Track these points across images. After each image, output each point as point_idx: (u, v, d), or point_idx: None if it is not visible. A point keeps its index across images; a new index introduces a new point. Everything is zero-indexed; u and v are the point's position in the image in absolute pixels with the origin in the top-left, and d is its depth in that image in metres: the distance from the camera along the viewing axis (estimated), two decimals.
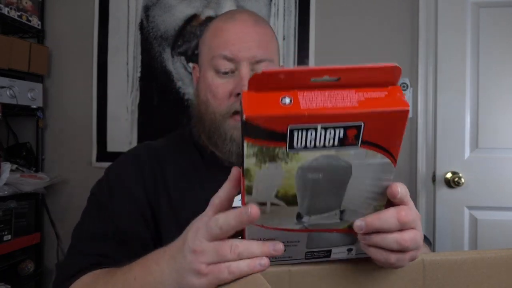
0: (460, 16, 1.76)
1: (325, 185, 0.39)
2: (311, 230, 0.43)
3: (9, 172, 1.68)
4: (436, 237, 1.77)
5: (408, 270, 0.47)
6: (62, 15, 2.03)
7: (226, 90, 0.73)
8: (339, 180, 0.39)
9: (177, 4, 1.94)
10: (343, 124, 0.35)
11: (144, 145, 0.82)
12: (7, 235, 1.72)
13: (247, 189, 0.39)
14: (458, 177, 1.72)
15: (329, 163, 0.38)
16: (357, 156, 0.37)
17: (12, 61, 1.75)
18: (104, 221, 0.70)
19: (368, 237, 0.43)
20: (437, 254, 0.48)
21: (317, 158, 0.37)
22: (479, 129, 1.74)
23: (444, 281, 0.47)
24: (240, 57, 0.72)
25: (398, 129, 0.37)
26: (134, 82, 1.97)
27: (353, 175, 0.39)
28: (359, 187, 0.40)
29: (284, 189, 0.39)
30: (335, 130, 0.35)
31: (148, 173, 0.75)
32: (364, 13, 1.86)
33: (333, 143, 0.36)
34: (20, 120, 2.03)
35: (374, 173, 0.40)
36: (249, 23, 0.75)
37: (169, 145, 0.82)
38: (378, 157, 0.38)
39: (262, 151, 0.36)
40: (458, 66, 1.76)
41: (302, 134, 0.35)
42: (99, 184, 0.77)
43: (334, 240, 0.45)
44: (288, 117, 0.34)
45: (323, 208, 0.42)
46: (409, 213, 0.43)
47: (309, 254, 0.46)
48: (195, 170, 0.77)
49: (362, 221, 0.42)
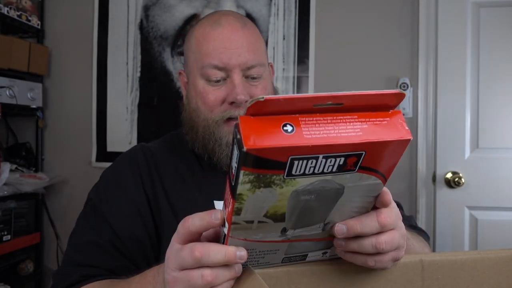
0: (460, 15, 1.75)
1: (316, 204, 0.39)
2: (293, 240, 0.44)
3: (8, 172, 1.68)
4: (436, 237, 1.76)
5: (407, 270, 0.47)
6: (62, 15, 2.02)
7: (218, 98, 0.72)
8: (330, 200, 0.40)
9: (177, 4, 1.94)
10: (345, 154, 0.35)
11: (140, 146, 0.81)
12: (6, 235, 1.72)
13: (236, 210, 0.38)
14: (458, 177, 1.71)
15: (323, 187, 0.37)
16: (352, 179, 0.38)
17: (11, 61, 1.74)
18: (100, 228, 0.70)
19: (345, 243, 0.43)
20: (437, 254, 0.48)
21: (313, 183, 0.37)
22: (480, 129, 1.74)
23: (444, 281, 0.47)
24: (231, 65, 0.70)
25: (397, 156, 0.37)
26: (133, 82, 1.97)
27: (344, 195, 0.39)
28: (347, 204, 0.41)
29: (274, 210, 0.39)
30: (336, 159, 0.35)
31: (145, 175, 0.75)
32: (364, 13, 1.85)
33: (332, 170, 0.36)
34: (19, 120, 2.03)
35: (364, 192, 0.40)
36: (236, 27, 0.72)
37: (165, 146, 0.81)
38: (371, 179, 0.39)
39: (259, 178, 0.35)
40: (459, 65, 1.76)
41: (302, 163, 0.34)
42: (96, 189, 0.76)
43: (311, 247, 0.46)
44: (291, 148, 0.33)
45: (308, 223, 0.42)
46: (390, 215, 0.43)
47: (286, 259, 0.47)
48: (192, 173, 0.77)
49: (343, 225, 0.42)
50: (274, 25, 1.89)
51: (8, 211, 1.73)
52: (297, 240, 0.44)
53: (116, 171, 0.77)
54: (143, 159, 0.77)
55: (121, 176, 0.75)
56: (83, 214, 0.74)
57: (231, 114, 0.71)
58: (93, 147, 1.99)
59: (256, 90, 0.73)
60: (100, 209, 0.72)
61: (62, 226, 2.01)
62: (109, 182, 0.76)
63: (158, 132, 1.93)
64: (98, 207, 0.72)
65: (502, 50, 1.73)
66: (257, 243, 0.43)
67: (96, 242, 0.68)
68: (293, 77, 1.88)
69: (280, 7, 1.89)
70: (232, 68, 0.71)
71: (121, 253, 0.69)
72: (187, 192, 0.74)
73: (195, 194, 0.74)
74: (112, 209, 0.71)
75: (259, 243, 0.43)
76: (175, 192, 0.74)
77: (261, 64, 0.74)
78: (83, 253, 0.68)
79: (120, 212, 0.71)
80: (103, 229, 0.70)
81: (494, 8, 1.73)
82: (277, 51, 1.89)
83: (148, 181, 0.74)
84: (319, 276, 0.46)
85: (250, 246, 0.43)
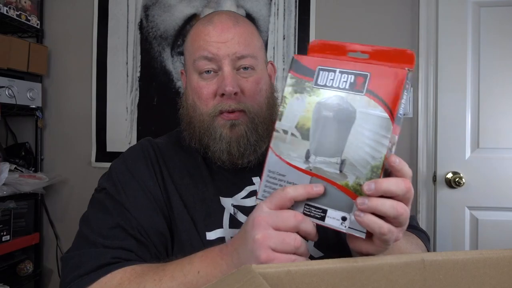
0: (460, 15, 1.75)
1: (333, 125, 0.48)
2: (314, 174, 0.49)
3: (8, 172, 1.68)
4: (437, 237, 1.76)
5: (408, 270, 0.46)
6: (61, 14, 2.02)
7: (210, 91, 0.72)
8: (345, 122, 0.48)
9: (176, 3, 1.94)
10: (354, 71, 0.47)
11: (148, 140, 0.80)
12: (6, 235, 1.72)
13: (279, 115, 0.51)
14: (459, 177, 1.71)
15: (340, 104, 0.48)
16: (361, 103, 0.47)
17: (11, 61, 1.74)
18: (121, 215, 0.67)
19: (365, 200, 0.45)
20: (439, 254, 0.48)
21: (332, 97, 0.48)
22: (480, 129, 1.73)
23: (446, 281, 0.46)
24: (221, 54, 0.71)
25: (397, 87, 0.46)
26: (133, 81, 1.97)
27: (356, 122, 0.47)
28: (360, 137, 0.47)
29: (303, 121, 0.49)
30: (348, 75, 0.48)
31: (156, 169, 0.74)
32: (364, 13, 1.85)
33: (345, 86, 0.47)
34: (19, 120, 2.03)
35: (373, 126, 0.46)
36: (227, 24, 0.73)
37: (172, 142, 0.81)
38: (378, 109, 0.46)
39: (297, 82, 0.50)
40: (459, 65, 1.75)
41: (325, 73, 0.49)
42: (109, 179, 0.73)
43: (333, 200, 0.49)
44: (319, 60, 0.50)
45: (328, 151, 0.49)
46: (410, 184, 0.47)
47: (307, 209, 0.50)
48: (198, 169, 0.77)
49: (372, 182, 0.45)
50: (274, 25, 1.88)
51: (7, 211, 1.73)
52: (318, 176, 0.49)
53: (129, 163, 0.74)
54: (153, 153, 0.76)
55: (135, 168, 0.73)
56: (97, 201, 0.71)
57: (222, 106, 0.71)
58: (92, 147, 1.98)
59: (247, 82, 0.73)
60: (118, 198, 0.69)
61: (61, 226, 2.00)
62: (123, 173, 0.72)
63: (158, 132, 1.93)
64: (115, 196, 0.69)
65: (502, 50, 1.73)
66: (287, 167, 0.50)
67: (122, 226, 0.65)
68: None
69: (280, 7, 1.89)
70: (221, 59, 0.71)
71: (145, 244, 0.66)
72: (194, 187, 0.74)
73: (203, 189, 0.74)
74: (130, 199, 0.69)
75: (289, 168, 0.50)
76: (184, 187, 0.73)
77: (253, 56, 0.74)
78: (110, 237, 0.64)
79: (138, 203, 0.69)
80: (125, 218, 0.66)
81: (494, 7, 1.73)
82: (277, 51, 1.89)
83: (159, 174, 0.74)
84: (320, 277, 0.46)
85: (282, 170, 0.51)
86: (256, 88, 0.74)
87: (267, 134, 0.74)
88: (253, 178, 0.77)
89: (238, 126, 0.72)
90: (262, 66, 0.77)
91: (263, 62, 0.78)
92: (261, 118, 0.74)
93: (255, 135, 0.73)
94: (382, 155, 0.46)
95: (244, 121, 0.72)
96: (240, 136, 0.72)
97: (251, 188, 0.76)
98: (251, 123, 0.73)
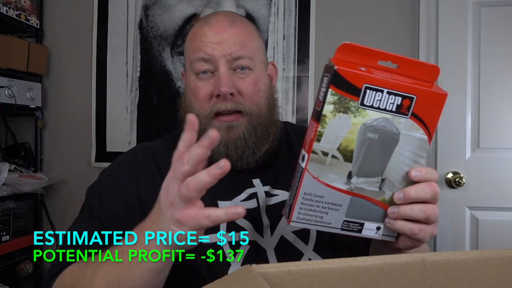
0: (461, 15, 1.75)
1: (377, 147, 0.48)
2: (355, 194, 0.50)
3: (7, 172, 1.68)
4: (437, 237, 1.76)
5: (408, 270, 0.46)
6: (61, 14, 2.02)
7: (206, 92, 0.72)
8: (389, 145, 0.48)
9: (176, 3, 1.94)
10: (402, 93, 0.46)
11: (141, 146, 0.82)
12: (5, 235, 1.71)
13: (318, 135, 0.47)
14: (459, 177, 1.71)
15: (385, 127, 0.47)
16: (405, 126, 0.47)
17: (10, 61, 1.74)
18: (92, 223, 0.72)
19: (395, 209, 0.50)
20: (439, 254, 0.48)
21: (378, 119, 0.47)
22: (480, 129, 1.73)
23: (446, 281, 0.46)
24: (216, 55, 0.71)
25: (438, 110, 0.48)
26: (133, 81, 1.97)
27: (399, 144, 0.48)
28: (400, 157, 0.49)
29: (346, 143, 0.47)
30: (396, 96, 0.46)
31: (144, 175, 0.75)
32: (365, 12, 1.85)
33: (392, 108, 0.46)
34: (18, 120, 2.02)
35: (413, 147, 0.48)
36: (224, 24, 0.73)
37: (168, 145, 0.81)
38: (420, 131, 0.48)
39: (340, 100, 0.45)
40: (459, 65, 1.75)
41: (372, 93, 0.45)
42: (92, 188, 0.78)
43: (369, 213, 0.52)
44: (367, 77, 0.45)
45: (369, 172, 0.49)
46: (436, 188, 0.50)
47: (345, 225, 0.52)
48: None
49: (401, 193, 0.49)
50: (274, 25, 1.88)
51: (7, 212, 1.73)
52: (358, 195, 0.50)
53: (113, 172, 0.78)
54: (143, 159, 0.77)
55: (117, 177, 0.76)
56: (80, 211, 0.77)
57: (218, 108, 0.71)
58: (92, 147, 1.98)
59: (244, 83, 0.72)
60: (93, 208, 0.73)
61: (61, 226, 2.00)
62: (105, 181, 0.77)
63: (158, 132, 1.93)
64: (92, 206, 0.74)
65: (503, 50, 1.73)
66: (326, 188, 0.49)
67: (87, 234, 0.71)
68: (293, 77, 1.88)
69: (280, 7, 1.89)
70: (217, 60, 0.71)
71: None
72: None
73: None
74: (104, 209, 0.73)
75: (327, 189, 0.50)
76: None
77: (250, 57, 0.73)
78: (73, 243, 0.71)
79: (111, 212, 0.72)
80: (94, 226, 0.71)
81: (495, 7, 1.73)
82: (277, 51, 1.89)
83: (147, 181, 0.74)
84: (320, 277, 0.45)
85: (320, 192, 0.50)
86: (254, 88, 0.72)
87: (267, 135, 0.74)
88: (253, 180, 0.76)
89: (236, 128, 0.71)
90: (261, 67, 0.76)
91: (261, 63, 0.77)
92: (260, 119, 0.73)
93: (254, 137, 0.72)
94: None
95: (242, 123, 0.71)
96: (237, 138, 0.71)
97: (251, 190, 0.75)
98: (249, 125, 0.72)
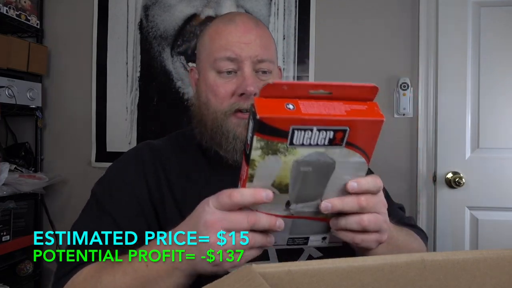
0: (461, 15, 1.75)
1: (313, 177, 0.47)
2: (295, 217, 0.51)
3: (7, 172, 1.68)
4: (437, 237, 1.76)
5: (408, 270, 0.46)
6: (61, 14, 2.02)
7: (228, 90, 0.73)
8: (324, 174, 0.47)
9: (176, 3, 1.94)
10: (334, 128, 0.44)
11: (146, 144, 0.82)
12: (6, 235, 1.71)
13: (249, 176, 0.46)
14: (459, 177, 1.71)
15: (318, 159, 0.46)
16: (341, 155, 0.46)
17: (11, 61, 1.74)
18: (102, 218, 0.70)
19: (336, 221, 0.51)
20: (439, 254, 0.48)
21: (310, 154, 0.45)
22: (480, 129, 1.73)
23: (446, 281, 0.46)
24: (243, 56, 0.72)
25: (374, 135, 0.46)
26: (133, 81, 1.97)
27: (336, 170, 0.47)
28: (338, 181, 0.49)
29: (280, 179, 0.47)
30: (327, 132, 0.44)
31: (150, 172, 0.75)
32: (364, 12, 1.85)
33: (324, 143, 0.44)
34: (19, 120, 2.02)
35: (351, 170, 0.48)
36: (250, 25, 0.75)
37: (171, 144, 0.82)
38: (356, 156, 0.47)
39: (268, 144, 0.43)
40: (459, 65, 1.75)
41: (301, 133, 0.43)
42: (100, 183, 0.77)
43: (312, 229, 0.53)
44: (292, 119, 0.42)
45: (308, 197, 0.49)
46: (369, 199, 0.50)
47: (291, 240, 0.54)
48: (198, 170, 0.77)
49: (328, 203, 0.49)
50: (274, 25, 1.88)
51: (7, 212, 1.73)
52: (300, 217, 0.51)
53: (122, 168, 0.77)
54: (149, 156, 0.77)
55: (126, 173, 0.75)
56: (86, 207, 0.75)
57: (240, 105, 0.72)
58: (92, 147, 1.98)
59: None
60: (103, 203, 0.72)
61: (61, 226, 2.00)
62: (114, 178, 0.76)
63: (158, 132, 1.93)
64: (101, 202, 0.73)
65: (503, 50, 1.73)
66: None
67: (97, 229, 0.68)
68: (293, 77, 1.88)
69: (280, 7, 1.89)
70: (243, 60, 0.72)
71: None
72: (192, 188, 0.74)
73: (201, 190, 0.73)
74: (115, 205, 0.72)
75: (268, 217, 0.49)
76: (180, 188, 0.74)
77: (271, 61, 0.76)
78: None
79: (123, 208, 0.71)
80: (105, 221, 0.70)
81: (495, 7, 1.73)
82: (277, 51, 1.89)
83: (153, 178, 0.74)
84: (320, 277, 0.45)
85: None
86: None
87: None
88: None
89: None
90: (277, 71, 0.79)
91: (276, 66, 0.80)
92: None
93: None
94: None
95: None
96: None
97: None
98: None
